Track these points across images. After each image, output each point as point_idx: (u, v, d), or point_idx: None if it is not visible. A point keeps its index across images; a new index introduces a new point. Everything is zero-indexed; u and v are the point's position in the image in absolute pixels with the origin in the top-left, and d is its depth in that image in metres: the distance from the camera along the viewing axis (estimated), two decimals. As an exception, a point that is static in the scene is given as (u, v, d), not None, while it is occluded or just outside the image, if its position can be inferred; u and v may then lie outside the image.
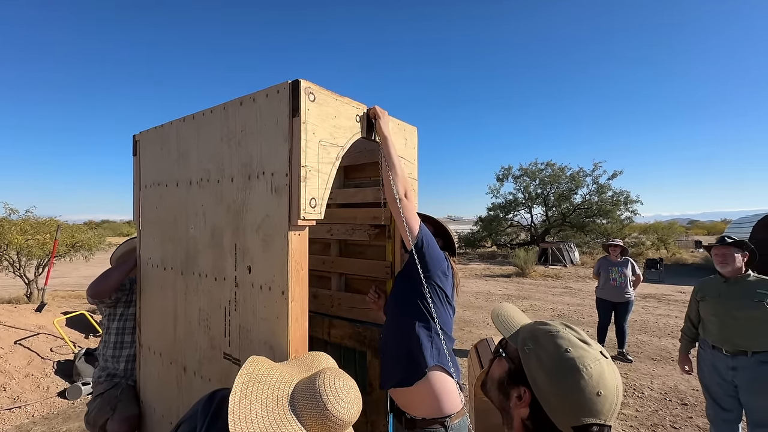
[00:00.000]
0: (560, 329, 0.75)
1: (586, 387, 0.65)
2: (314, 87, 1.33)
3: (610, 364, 0.70)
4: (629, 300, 5.09)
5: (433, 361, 1.50)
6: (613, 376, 0.68)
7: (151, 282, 1.93)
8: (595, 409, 0.64)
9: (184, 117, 1.73)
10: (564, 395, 0.67)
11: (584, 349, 0.70)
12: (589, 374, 0.66)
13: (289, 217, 1.29)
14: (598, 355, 0.70)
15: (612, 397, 0.66)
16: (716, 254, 2.71)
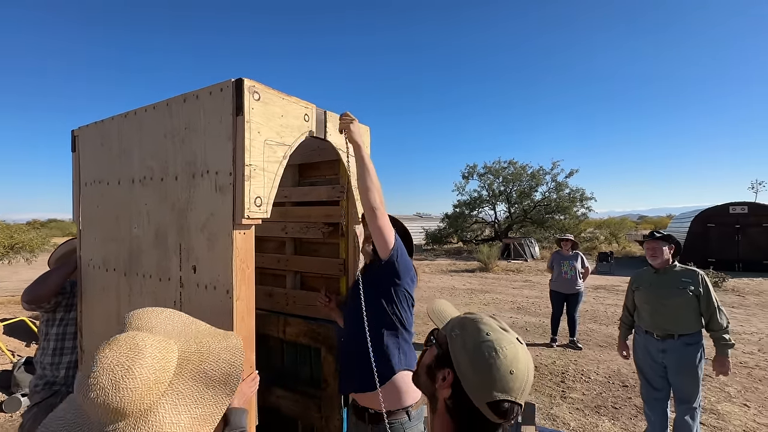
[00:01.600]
0: (484, 318, 0.82)
1: (501, 366, 0.72)
2: (259, 86, 1.33)
3: (524, 349, 0.77)
4: (579, 291, 5.43)
5: (400, 367, 1.57)
6: (526, 359, 0.75)
7: (92, 284, 1.84)
8: (508, 386, 0.71)
9: (126, 113, 1.66)
10: (481, 373, 0.73)
11: (502, 333, 0.77)
12: (504, 355, 0.73)
13: (233, 216, 1.28)
14: (514, 339, 0.77)
15: (522, 377, 0.72)
16: (647, 248, 2.95)
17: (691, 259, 11.79)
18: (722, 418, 3.43)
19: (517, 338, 0.78)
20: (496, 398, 0.71)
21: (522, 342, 0.79)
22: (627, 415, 3.48)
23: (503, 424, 0.73)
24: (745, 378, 4.33)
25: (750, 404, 3.69)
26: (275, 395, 2.14)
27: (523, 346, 0.78)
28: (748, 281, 11.08)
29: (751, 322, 6.80)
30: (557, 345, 5.48)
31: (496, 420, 0.72)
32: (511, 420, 0.72)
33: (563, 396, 3.89)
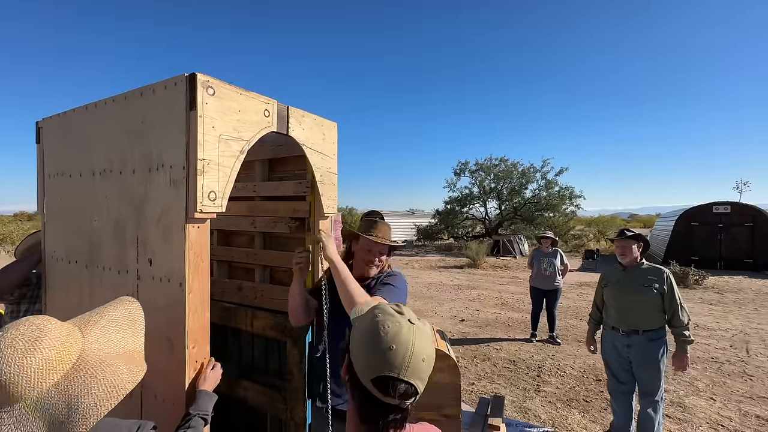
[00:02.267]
0: (384, 305, 0.84)
1: (380, 343, 0.73)
2: (214, 81, 1.34)
3: (414, 328, 0.77)
4: (558, 288, 5.52)
5: None
6: (409, 336, 0.75)
7: (56, 276, 1.85)
8: (388, 362, 0.72)
9: (87, 105, 1.66)
10: (364, 351, 0.75)
11: (392, 315, 0.79)
12: (386, 332, 0.75)
13: (186, 210, 1.30)
14: (402, 320, 0.78)
15: (404, 352, 0.73)
16: (617, 246, 3.02)
17: (675, 258, 12.05)
18: (688, 410, 3.53)
19: (409, 320, 0.79)
20: (378, 375, 0.72)
21: (414, 322, 0.79)
22: (597, 408, 3.57)
23: (399, 405, 0.74)
24: (715, 373, 4.46)
25: (716, 398, 3.81)
26: (242, 387, 2.17)
27: (415, 326, 0.78)
28: (729, 279, 11.33)
29: (727, 318, 6.97)
30: (537, 340, 5.58)
31: (382, 397, 0.73)
32: (399, 397, 0.72)
33: (537, 390, 3.97)
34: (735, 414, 3.50)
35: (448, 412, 2.67)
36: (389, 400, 0.73)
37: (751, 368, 4.59)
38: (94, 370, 0.75)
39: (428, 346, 0.77)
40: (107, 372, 0.77)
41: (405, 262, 15.50)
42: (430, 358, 0.77)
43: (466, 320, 6.80)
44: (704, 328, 6.32)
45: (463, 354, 5.04)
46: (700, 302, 8.34)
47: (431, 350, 0.78)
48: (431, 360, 0.78)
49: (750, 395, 3.88)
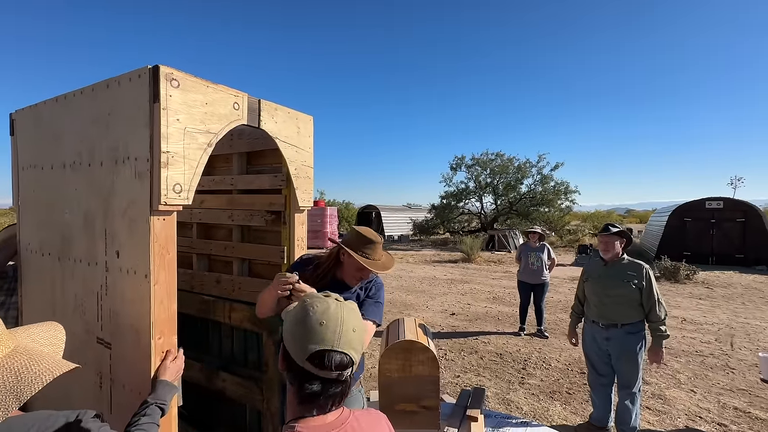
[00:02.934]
0: (318, 294, 0.89)
1: (310, 320, 0.78)
2: (178, 73, 1.34)
3: (342, 304, 0.83)
4: (545, 282, 5.56)
5: (361, 372, 1.80)
6: (338, 311, 0.81)
7: (31, 269, 1.85)
8: (319, 336, 0.77)
9: (58, 97, 1.66)
10: (295, 331, 0.80)
11: (318, 297, 0.85)
12: (314, 310, 0.80)
13: (150, 203, 1.31)
14: (329, 299, 0.84)
15: (334, 326, 0.78)
16: (601, 241, 3.04)
17: (668, 253, 12.14)
18: (668, 402, 3.59)
19: (336, 298, 0.85)
20: (312, 350, 0.76)
21: (340, 300, 0.85)
22: (579, 400, 3.62)
23: (337, 377, 0.77)
24: (698, 366, 4.52)
25: (697, 390, 3.86)
26: (221, 379, 2.19)
27: (342, 303, 0.84)
28: (719, 274, 11.42)
29: (714, 313, 7.05)
30: (525, 334, 5.63)
31: (319, 372, 0.76)
32: (335, 368, 0.76)
33: (521, 382, 4.02)
34: (714, 406, 3.55)
35: (427, 403, 2.71)
36: (326, 374, 0.76)
37: (734, 361, 4.66)
38: (34, 352, 0.77)
39: (356, 318, 0.83)
40: (45, 354, 0.79)
41: (400, 256, 15.54)
42: (361, 329, 0.83)
43: (457, 314, 6.85)
44: (691, 322, 6.40)
45: (451, 347, 5.08)
46: (690, 297, 8.42)
47: (360, 322, 0.84)
48: (362, 331, 0.83)
49: (730, 388, 3.94)
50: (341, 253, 1.66)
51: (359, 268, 1.62)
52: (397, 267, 12.68)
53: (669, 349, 5.04)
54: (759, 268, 12.29)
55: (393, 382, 2.61)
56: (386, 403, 2.63)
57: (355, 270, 1.64)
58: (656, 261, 11.13)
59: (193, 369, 2.32)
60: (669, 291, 8.96)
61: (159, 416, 1.15)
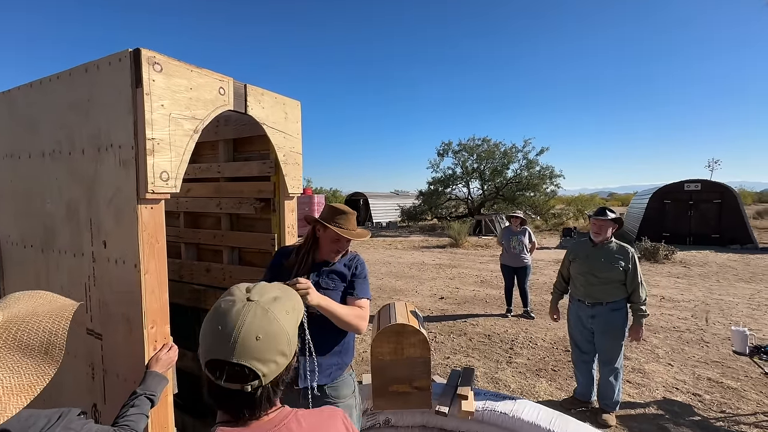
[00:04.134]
0: (235, 286, 0.77)
1: (211, 320, 0.69)
2: (161, 57, 1.29)
3: (251, 305, 0.70)
4: (527, 264, 5.70)
5: (352, 357, 1.80)
6: (239, 315, 0.68)
7: (12, 261, 1.80)
8: (213, 343, 0.67)
9: (32, 82, 1.59)
10: (203, 328, 0.71)
11: (230, 294, 0.74)
12: (217, 313, 0.70)
13: (137, 191, 1.28)
14: (239, 298, 0.71)
15: (230, 332, 0.66)
16: (594, 223, 3.10)
17: (648, 234, 12.51)
18: (647, 376, 3.76)
19: (249, 298, 0.72)
20: (207, 358, 0.68)
21: (254, 299, 0.71)
22: (563, 377, 3.77)
23: (242, 389, 0.67)
24: (675, 341, 4.73)
25: (674, 363, 4.06)
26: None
27: (251, 303, 0.70)
28: (696, 253, 11.86)
29: (691, 291, 7.35)
30: (512, 315, 5.78)
31: (216, 382, 0.67)
32: (226, 381, 0.66)
33: (509, 361, 4.15)
34: (689, 378, 3.74)
35: (419, 384, 2.78)
36: (227, 385, 0.67)
37: (708, 335, 4.89)
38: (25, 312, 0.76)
39: (268, 322, 0.69)
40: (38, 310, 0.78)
41: (389, 242, 15.62)
42: (271, 336, 0.68)
43: (446, 298, 6.96)
44: (669, 300, 6.66)
45: (441, 330, 5.19)
46: (668, 276, 8.74)
47: (272, 327, 0.69)
48: (273, 337, 0.68)
49: (705, 360, 4.15)
50: (317, 229, 1.67)
51: (334, 239, 1.64)
52: (385, 253, 12.75)
53: (648, 326, 5.25)
54: (733, 247, 12.80)
55: (385, 364, 2.67)
56: (379, 385, 2.69)
57: (331, 242, 1.65)
58: (637, 242, 11.47)
59: (186, 358, 2.32)
60: (649, 271, 9.28)
61: (149, 407, 1.15)
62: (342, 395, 1.69)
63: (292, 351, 0.73)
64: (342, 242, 1.66)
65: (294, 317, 0.75)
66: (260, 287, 0.75)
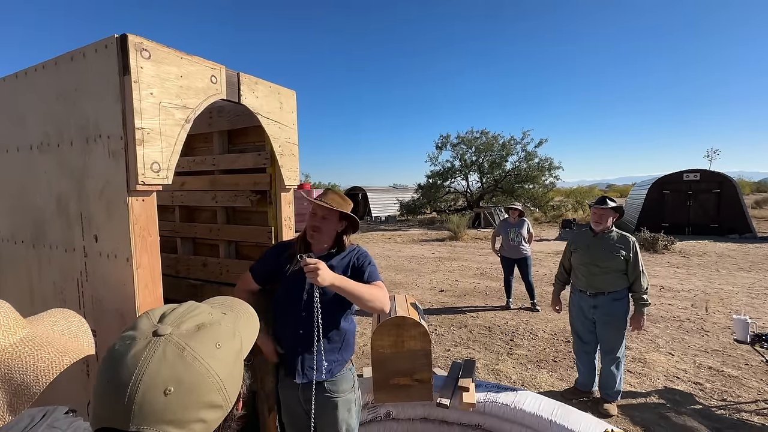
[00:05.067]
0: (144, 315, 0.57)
1: (100, 372, 0.51)
2: (149, 43, 1.25)
3: (159, 343, 0.50)
4: (526, 255, 5.69)
5: (352, 353, 1.77)
6: (137, 361, 0.48)
7: (2, 258, 1.76)
8: (102, 405, 0.49)
9: (17, 72, 1.54)
10: (93, 392, 0.52)
11: (132, 328, 0.54)
12: (110, 359, 0.51)
13: (127, 183, 1.24)
14: (142, 333, 0.52)
15: (124, 389, 0.46)
16: (594, 212, 3.08)
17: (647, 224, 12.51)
18: (648, 365, 3.76)
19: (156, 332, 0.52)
20: (96, 426, 0.49)
21: (166, 333, 0.51)
22: (564, 367, 3.76)
23: None
24: (676, 330, 4.74)
25: (674, 353, 4.06)
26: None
27: (159, 339, 0.50)
28: (695, 243, 11.88)
29: (691, 280, 7.35)
30: (516, 308, 5.78)
31: None
32: None
33: (510, 353, 4.15)
34: (690, 366, 3.75)
35: (420, 376, 2.76)
36: None
37: (708, 325, 4.90)
38: (42, 340, 0.72)
39: (181, 368, 0.49)
40: (54, 342, 0.73)
41: (388, 236, 15.60)
42: (188, 386, 0.48)
43: (446, 290, 6.96)
44: (669, 290, 6.67)
45: (441, 322, 5.18)
46: (668, 266, 8.75)
47: (191, 373, 0.49)
48: (193, 387, 0.49)
49: (705, 349, 4.15)
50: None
51: (313, 212, 1.64)
52: (385, 247, 12.74)
53: (649, 316, 5.25)
54: (732, 237, 12.82)
55: (386, 357, 2.65)
56: (380, 378, 2.68)
57: (310, 218, 1.65)
58: (636, 233, 11.47)
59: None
60: (648, 261, 9.28)
61: None
62: (341, 390, 1.67)
63: (232, 396, 0.53)
64: (317, 216, 1.63)
65: (232, 348, 0.55)
66: (182, 312, 0.55)
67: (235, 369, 0.55)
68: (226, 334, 0.56)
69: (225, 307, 0.65)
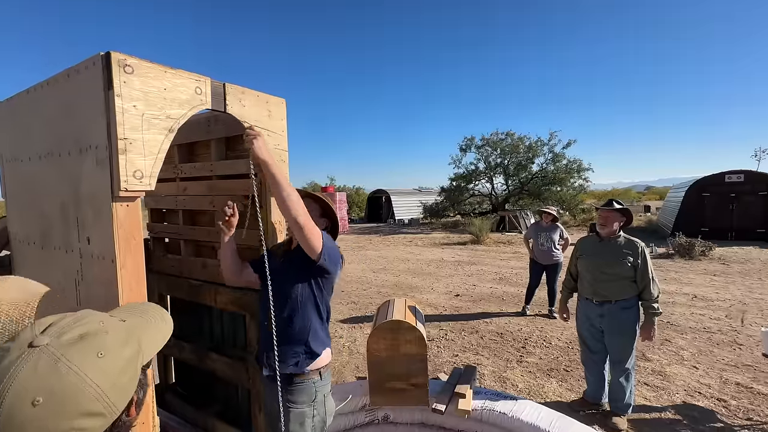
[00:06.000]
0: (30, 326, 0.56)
1: None
2: (132, 59, 1.34)
3: (31, 355, 0.49)
4: (557, 262, 5.49)
5: (323, 349, 1.72)
6: (9, 371, 0.48)
7: (20, 257, 1.93)
8: None
9: (29, 89, 1.69)
10: None
11: (13, 337, 0.55)
12: None
13: (112, 190, 1.33)
14: (21, 342, 0.52)
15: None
16: (600, 215, 2.98)
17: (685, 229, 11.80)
18: (667, 378, 3.56)
19: (32, 343, 0.51)
20: None
21: (42, 344, 0.51)
22: (576, 377, 3.62)
23: None
24: (704, 342, 4.44)
25: (699, 366, 3.81)
26: (211, 360, 2.27)
27: (33, 351, 0.50)
28: (738, 249, 11.08)
29: (728, 289, 6.87)
30: (529, 314, 5.62)
31: None
32: None
33: (519, 360, 4.04)
34: (715, 381, 3.51)
35: (415, 381, 2.76)
36: None
37: (743, 337, 4.56)
38: None
39: (53, 378, 0.48)
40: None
41: (409, 239, 15.57)
42: (61, 396, 0.48)
43: (462, 295, 6.87)
44: (702, 299, 6.26)
45: (452, 327, 5.12)
46: (704, 273, 8.21)
47: (63, 382, 0.49)
48: (66, 397, 0.48)
49: (735, 363, 3.87)
50: None
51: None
52: (405, 250, 12.72)
53: (675, 326, 4.97)
54: (781, 243, 11.86)
55: (382, 360, 2.66)
56: (376, 381, 2.70)
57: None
58: (670, 238, 10.85)
59: (186, 350, 2.41)
60: (682, 268, 8.76)
61: None
62: (295, 401, 1.63)
63: (118, 403, 0.53)
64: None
65: (120, 356, 0.55)
66: (69, 321, 0.55)
67: (122, 377, 0.55)
68: (114, 343, 0.55)
69: (133, 313, 0.67)
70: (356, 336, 4.84)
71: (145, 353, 0.61)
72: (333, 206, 1.90)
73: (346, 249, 13.28)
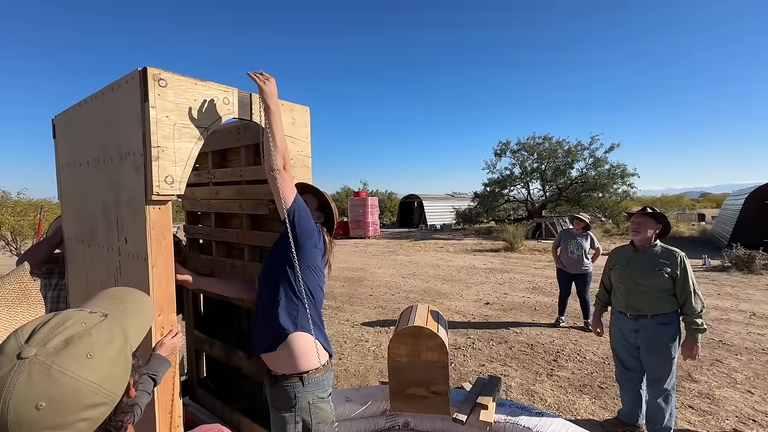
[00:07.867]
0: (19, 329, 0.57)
1: None
2: (166, 74, 1.45)
3: (22, 366, 0.51)
4: (587, 272, 5.23)
5: (293, 328, 1.58)
6: (6, 384, 0.50)
7: (71, 254, 2.12)
8: None
9: (81, 101, 1.87)
10: None
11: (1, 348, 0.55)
12: None
13: (146, 193, 1.44)
14: (9, 353, 0.53)
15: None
16: (633, 222, 2.82)
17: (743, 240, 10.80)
18: (716, 403, 3.27)
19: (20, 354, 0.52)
20: None
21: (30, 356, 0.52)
22: (611, 395, 3.42)
23: None
24: (762, 365, 4.04)
25: (755, 391, 3.47)
26: (238, 357, 2.37)
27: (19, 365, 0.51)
28: (808, 264, 9.97)
29: (794, 307, 6.21)
30: (563, 325, 5.37)
31: None
32: None
33: (550, 374, 3.87)
34: (773, 409, 3.18)
35: (436, 389, 2.73)
36: None
37: (810, 362, 4.10)
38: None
39: (50, 384, 0.51)
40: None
41: (440, 245, 15.40)
42: (61, 398, 0.51)
43: (492, 303, 6.69)
44: (762, 317, 5.70)
45: (480, 336, 5.00)
46: (764, 289, 7.48)
47: (60, 387, 0.51)
48: (67, 398, 0.51)
49: (798, 390, 3.49)
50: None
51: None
52: (435, 256, 12.59)
53: (729, 345, 4.56)
54: None
55: (402, 366, 2.66)
56: (396, 387, 2.69)
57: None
58: (726, 249, 9.97)
59: (216, 347, 2.53)
60: (740, 282, 8.03)
61: (151, 386, 1.29)
62: (277, 405, 1.59)
63: (116, 390, 0.57)
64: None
65: (109, 351, 0.57)
66: (51, 327, 0.56)
67: (115, 369, 0.57)
68: (100, 341, 0.57)
69: (114, 302, 0.68)
70: (382, 340, 4.85)
71: (133, 341, 0.63)
72: (331, 202, 1.86)
73: (377, 253, 13.34)
